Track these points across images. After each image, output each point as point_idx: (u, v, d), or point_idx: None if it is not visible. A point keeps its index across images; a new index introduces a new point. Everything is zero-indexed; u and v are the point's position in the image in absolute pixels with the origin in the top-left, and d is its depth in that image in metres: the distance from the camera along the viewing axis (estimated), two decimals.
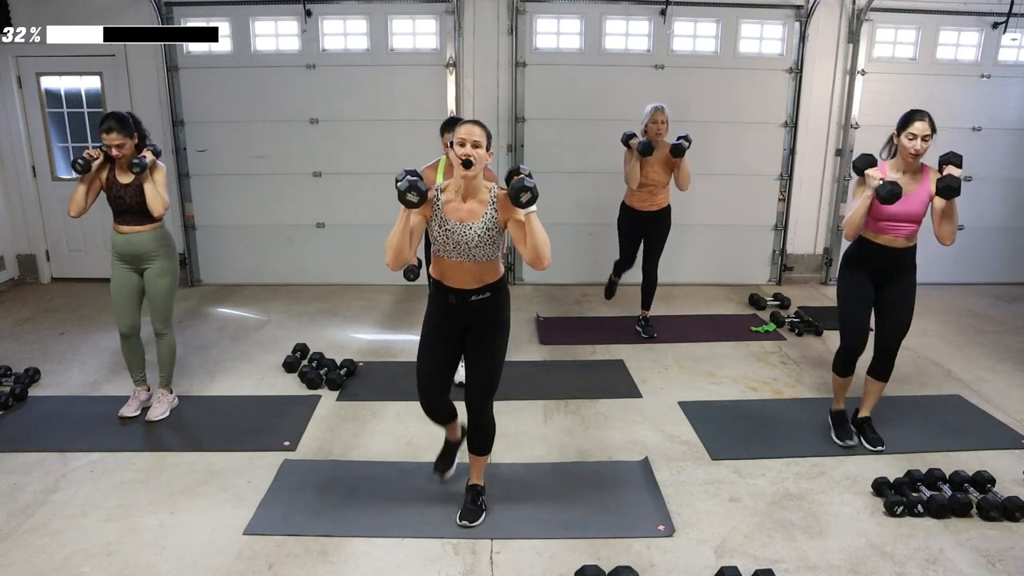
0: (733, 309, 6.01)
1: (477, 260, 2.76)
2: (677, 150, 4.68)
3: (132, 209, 3.69)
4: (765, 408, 4.20)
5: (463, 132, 2.66)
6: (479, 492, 3.10)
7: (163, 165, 3.76)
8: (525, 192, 2.54)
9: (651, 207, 4.95)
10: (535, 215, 2.65)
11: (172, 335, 4.00)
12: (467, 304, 2.83)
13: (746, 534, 3.01)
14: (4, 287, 6.40)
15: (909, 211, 3.36)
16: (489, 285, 2.83)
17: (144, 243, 3.76)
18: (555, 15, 6.21)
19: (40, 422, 3.94)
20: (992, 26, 6.25)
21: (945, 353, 5.04)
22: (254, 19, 6.13)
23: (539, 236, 2.65)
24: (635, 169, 4.76)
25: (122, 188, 3.68)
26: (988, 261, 6.79)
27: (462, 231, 2.72)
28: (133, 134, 3.65)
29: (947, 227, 3.36)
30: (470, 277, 2.79)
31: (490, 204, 2.74)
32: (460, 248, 2.73)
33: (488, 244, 2.75)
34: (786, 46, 6.31)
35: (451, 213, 2.74)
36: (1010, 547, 2.92)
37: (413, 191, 2.60)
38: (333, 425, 3.94)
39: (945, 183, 3.23)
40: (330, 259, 6.57)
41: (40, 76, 6.23)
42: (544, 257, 2.68)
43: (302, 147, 6.35)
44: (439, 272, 2.85)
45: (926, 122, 3.29)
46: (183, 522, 3.05)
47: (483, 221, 2.73)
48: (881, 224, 3.42)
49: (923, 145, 3.29)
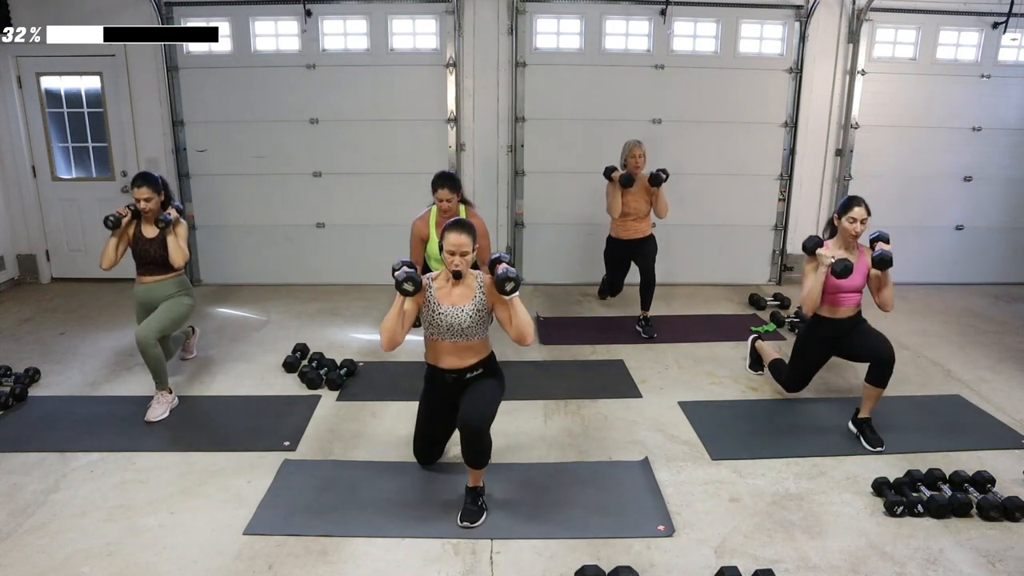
0: (733, 309, 6.01)
1: (469, 339, 3.08)
2: (655, 180, 5.05)
3: (155, 261, 4.07)
4: (765, 408, 4.20)
5: (451, 242, 2.97)
6: (479, 493, 3.11)
7: (184, 224, 4.16)
8: (509, 282, 2.89)
9: (635, 235, 5.25)
10: (517, 299, 2.97)
11: (158, 347, 3.98)
12: (463, 381, 3.16)
13: (746, 534, 3.01)
14: (4, 287, 6.40)
15: (854, 283, 3.80)
16: (481, 361, 3.16)
17: (163, 289, 4.12)
18: (555, 15, 6.20)
19: (40, 422, 3.94)
20: (992, 26, 6.24)
21: (945, 353, 5.04)
22: (254, 19, 6.13)
23: (522, 317, 2.98)
24: (616, 199, 5.10)
25: (147, 242, 4.05)
26: (988, 261, 6.79)
27: (454, 314, 3.04)
28: (160, 192, 4.03)
29: (886, 293, 3.78)
30: (464, 355, 3.11)
31: (478, 288, 3.08)
32: (453, 330, 3.06)
33: (478, 324, 3.08)
34: (786, 46, 6.30)
35: (443, 299, 3.07)
36: (1010, 547, 2.92)
37: (410, 282, 2.91)
38: (333, 425, 3.94)
39: (879, 256, 3.66)
40: (330, 259, 6.57)
41: (40, 76, 6.23)
42: (528, 335, 2.99)
43: (302, 147, 6.35)
44: (434, 357, 3.17)
45: (863, 207, 3.72)
46: (183, 522, 3.06)
47: (473, 303, 3.06)
48: (831, 297, 3.82)
49: (861, 227, 3.73)
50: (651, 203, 5.19)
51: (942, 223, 6.71)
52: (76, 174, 6.52)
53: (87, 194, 6.44)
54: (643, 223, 5.22)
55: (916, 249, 6.59)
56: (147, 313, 4.10)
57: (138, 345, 3.94)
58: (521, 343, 3.01)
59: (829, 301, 3.83)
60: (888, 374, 3.70)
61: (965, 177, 6.61)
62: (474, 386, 3.15)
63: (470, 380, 3.16)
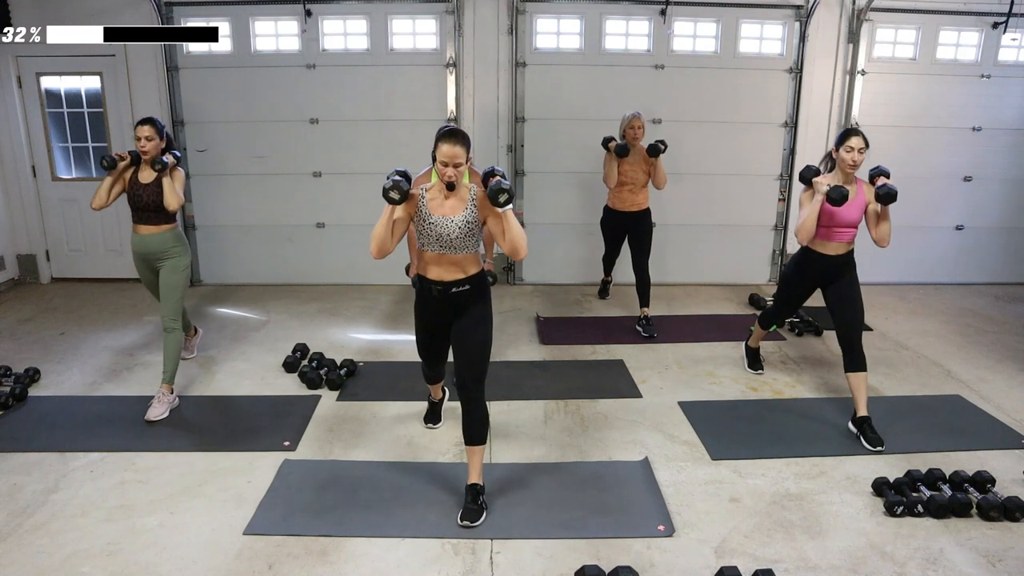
0: (733, 309, 6.01)
1: (457, 251, 3.02)
2: (653, 150, 5.08)
3: (148, 207, 4.01)
4: (765, 408, 4.19)
5: (445, 153, 2.92)
6: (479, 491, 3.11)
7: (182, 171, 4.15)
8: (503, 193, 2.83)
9: (631, 207, 5.27)
10: (511, 212, 2.92)
11: (180, 331, 4.12)
12: (448, 296, 3.08)
13: (746, 534, 3.01)
14: (4, 287, 6.40)
15: (850, 216, 3.77)
16: (468, 278, 3.08)
17: (158, 243, 4.08)
18: (555, 15, 6.20)
19: (40, 422, 3.94)
20: (992, 26, 6.24)
21: (945, 353, 5.04)
22: (254, 19, 6.13)
23: (516, 229, 2.93)
24: (612, 169, 5.17)
25: (142, 187, 4.01)
26: (988, 261, 6.79)
27: (444, 224, 2.98)
28: (162, 137, 4.04)
29: (884, 228, 3.75)
30: (450, 269, 3.04)
31: (470, 201, 3.03)
32: (442, 240, 3.00)
33: (467, 236, 3.01)
34: (786, 46, 6.30)
35: (435, 209, 3.01)
36: (1010, 547, 2.92)
37: (395, 189, 2.87)
38: (333, 425, 3.94)
39: (885, 189, 3.62)
40: (330, 259, 6.57)
41: (40, 76, 6.23)
42: (521, 248, 2.95)
43: (302, 147, 6.35)
44: (422, 267, 3.12)
45: (861, 137, 3.69)
46: (183, 522, 3.05)
47: (463, 215, 3.00)
48: (824, 231, 3.79)
49: (859, 157, 3.69)
50: (649, 174, 5.23)
51: (942, 223, 6.71)
52: (76, 174, 6.52)
53: (87, 194, 6.32)
54: (639, 195, 5.25)
55: (916, 249, 6.59)
56: (146, 266, 4.14)
57: (164, 328, 4.07)
58: (514, 256, 2.96)
59: (822, 235, 3.80)
60: (854, 351, 3.76)
61: (965, 177, 6.61)
62: (462, 323, 3.11)
63: (456, 296, 3.08)
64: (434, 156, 2.97)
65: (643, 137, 5.17)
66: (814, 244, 3.86)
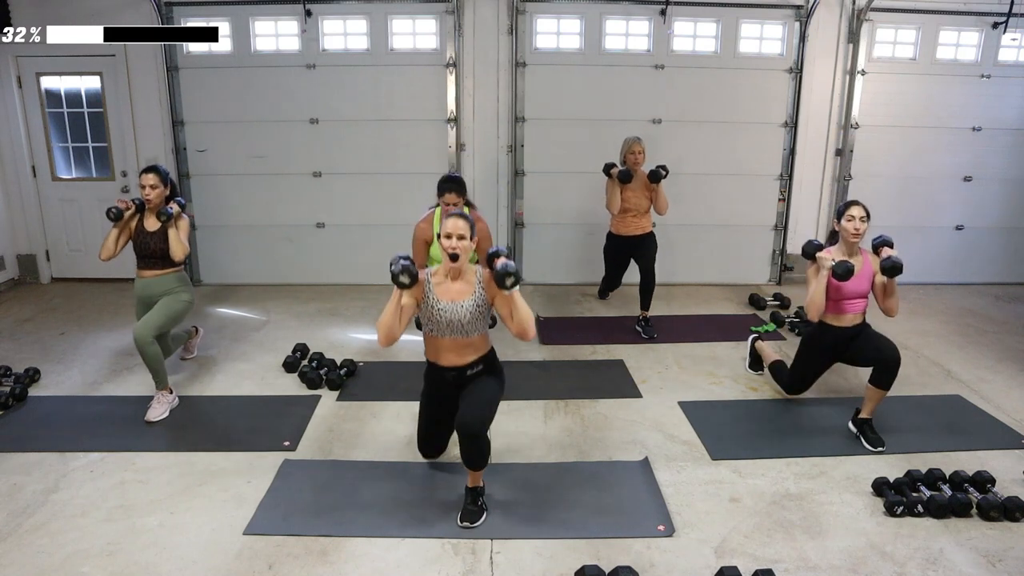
0: (733, 309, 6.01)
1: (469, 335, 3.07)
2: (654, 176, 5.08)
3: (155, 254, 4.07)
4: (765, 408, 4.20)
5: (449, 227, 2.97)
6: (479, 493, 3.11)
7: (187, 218, 4.18)
8: (509, 277, 2.86)
9: (635, 231, 5.26)
10: (518, 293, 2.94)
11: (155, 345, 3.98)
12: (463, 379, 3.15)
13: (746, 534, 3.01)
14: (4, 287, 6.40)
15: (859, 288, 3.78)
16: (481, 358, 3.15)
17: (162, 285, 4.12)
18: (555, 15, 6.20)
19: (40, 422, 3.94)
20: (992, 26, 6.24)
21: (945, 353, 5.04)
22: (254, 19, 6.13)
23: (523, 310, 2.96)
24: (615, 195, 5.13)
25: (148, 235, 4.06)
26: (988, 261, 6.79)
27: (454, 309, 3.02)
28: (167, 184, 4.09)
29: (892, 301, 3.77)
30: (464, 352, 3.10)
31: (477, 283, 3.06)
32: (453, 326, 3.03)
33: (478, 319, 3.06)
34: (786, 46, 6.30)
35: (443, 294, 3.04)
36: (1010, 547, 2.92)
37: (405, 274, 2.88)
38: (333, 425, 3.94)
39: (890, 263, 3.62)
40: (330, 259, 6.57)
41: (40, 76, 6.23)
42: (529, 329, 2.98)
43: (302, 147, 6.35)
44: (434, 354, 3.15)
45: (861, 207, 3.72)
46: (183, 522, 3.06)
47: (472, 299, 3.04)
48: (835, 304, 3.80)
49: (861, 226, 3.71)
50: (651, 199, 5.21)
51: (942, 223, 6.71)
52: (76, 174, 6.52)
53: (87, 194, 6.44)
54: (643, 219, 5.24)
55: (916, 249, 6.58)
56: (146, 309, 4.11)
57: (135, 343, 3.93)
58: (523, 338, 3.00)
59: (833, 308, 3.81)
60: (892, 377, 3.69)
61: (965, 177, 6.61)
62: (473, 386, 3.14)
63: (470, 377, 3.14)
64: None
65: (644, 162, 5.14)
66: (827, 318, 3.85)
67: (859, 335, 3.85)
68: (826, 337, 3.91)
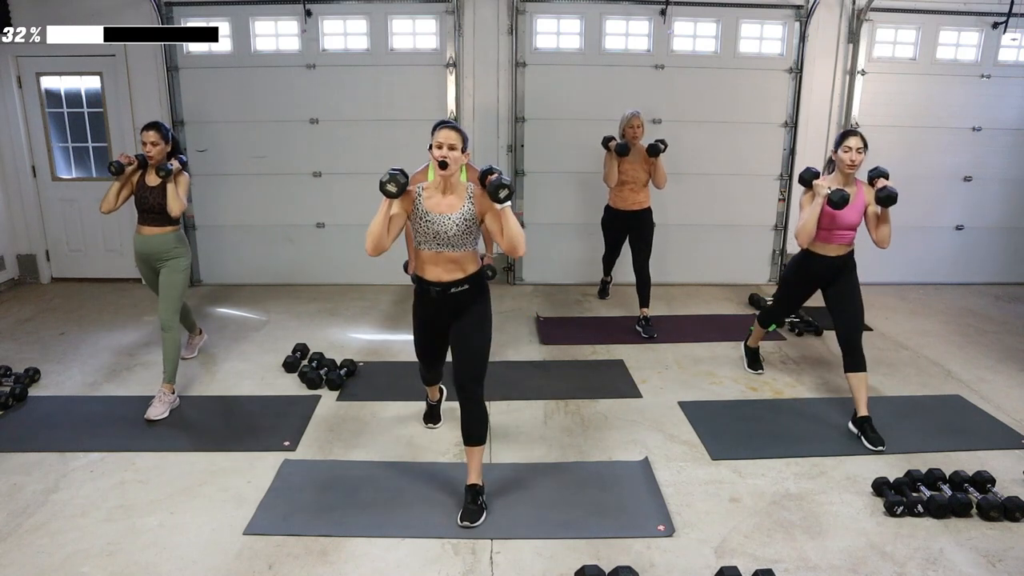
0: (733, 309, 6.01)
1: (455, 249, 2.99)
2: (653, 150, 5.08)
3: (153, 209, 4.08)
4: (765, 408, 4.19)
5: (440, 137, 2.93)
6: (479, 492, 3.10)
7: (187, 175, 4.19)
8: (503, 188, 2.83)
9: (632, 206, 5.25)
10: (509, 209, 2.90)
11: (177, 331, 4.13)
12: (447, 296, 3.05)
13: (746, 534, 3.01)
14: (4, 287, 6.40)
15: (850, 219, 3.77)
16: (467, 277, 3.05)
17: (159, 243, 4.12)
18: (555, 15, 6.20)
19: (40, 422, 3.94)
20: (992, 26, 6.24)
21: (945, 353, 5.04)
22: (254, 19, 6.13)
23: (514, 227, 2.90)
24: (612, 168, 5.16)
25: (148, 190, 4.08)
26: (988, 261, 6.79)
27: (441, 221, 2.96)
28: (168, 141, 4.10)
29: (884, 230, 3.76)
30: (449, 267, 3.01)
31: (467, 198, 3.01)
32: (440, 238, 2.97)
33: (465, 233, 2.99)
34: (786, 46, 6.30)
35: (432, 207, 2.99)
36: (1010, 547, 2.92)
37: (392, 182, 2.85)
38: (333, 425, 3.94)
39: (886, 192, 3.62)
40: (330, 259, 6.57)
41: (40, 76, 6.23)
42: (519, 245, 2.93)
43: (302, 147, 6.35)
44: (420, 267, 3.08)
45: (859, 137, 3.70)
46: (183, 522, 3.05)
47: (461, 212, 2.98)
48: (824, 233, 3.79)
49: (858, 156, 3.69)
50: (649, 173, 5.22)
51: (942, 223, 6.71)
52: (76, 174, 6.52)
53: (87, 194, 6.43)
54: (640, 194, 5.24)
55: (916, 249, 6.59)
56: (146, 264, 4.19)
57: (162, 327, 4.07)
58: (512, 254, 2.95)
59: (822, 237, 3.81)
60: (855, 352, 3.76)
61: (965, 177, 6.61)
62: (461, 323, 3.08)
63: (455, 296, 3.04)
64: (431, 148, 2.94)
65: (643, 136, 5.17)
66: (814, 246, 3.86)
67: (843, 270, 3.87)
68: (812, 265, 3.92)
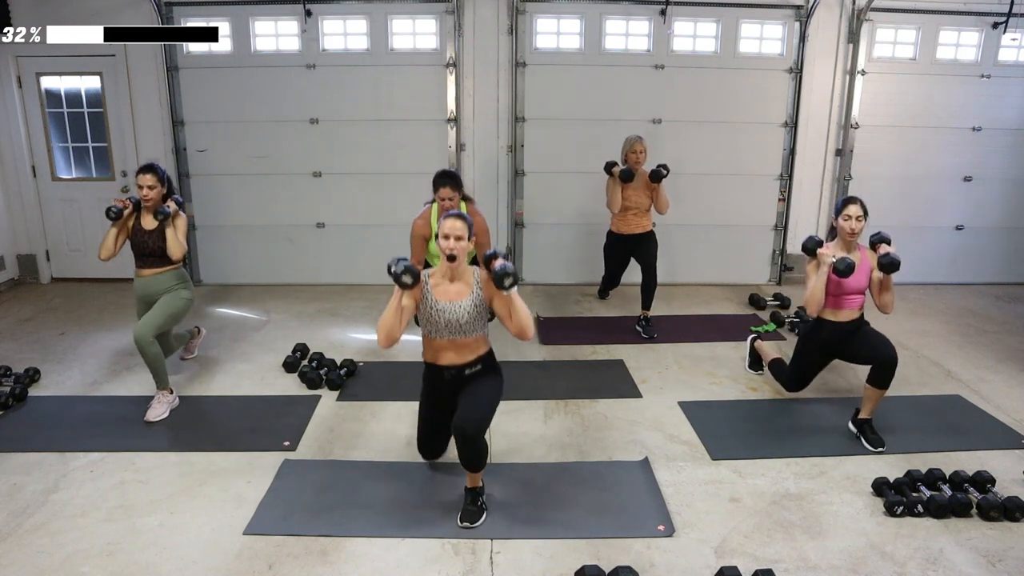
0: (733, 309, 6.01)
1: (467, 336, 3.07)
2: (655, 176, 5.08)
3: (153, 253, 4.05)
4: (765, 408, 4.20)
5: (447, 228, 2.98)
6: (479, 493, 3.11)
7: (184, 216, 4.14)
8: (508, 278, 2.88)
9: (636, 230, 5.26)
10: (516, 294, 2.95)
11: (155, 345, 3.98)
12: (462, 379, 3.13)
13: (746, 534, 3.01)
14: (4, 287, 6.40)
15: (858, 284, 3.78)
16: (480, 358, 3.14)
17: (161, 283, 4.09)
18: (555, 15, 6.20)
19: (40, 422, 3.94)
20: (992, 26, 6.24)
21: (945, 353, 5.04)
22: (254, 19, 6.13)
23: (522, 311, 2.97)
24: (616, 194, 5.13)
25: (146, 234, 4.04)
26: (988, 261, 6.79)
27: (452, 310, 3.02)
28: (163, 183, 4.05)
29: (887, 297, 3.77)
30: (462, 352, 3.10)
31: (475, 284, 3.07)
32: (451, 326, 3.03)
33: (477, 319, 3.06)
34: (786, 46, 6.30)
35: (441, 295, 3.05)
36: (1010, 547, 2.92)
37: (408, 274, 2.88)
38: (333, 425, 3.94)
39: (888, 259, 3.63)
40: (330, 259, 6.57)
41: (40, 76, 6.23)
42: (528, 329, 2.99)
43: (302, 147, 6.35)
44: (432, 355, 3.15)
45: (858, 205, 3.73)
46: (183, 522, 3.06)
47: (470, 299, 3.04)
48: (834, 299, 3.80)
49: (857, 225, 3.72)
50: (652, 198, 5.21)
51: (942, 223, 6.71)
52: (76, 174, 6.52)
53: (87, 194, 6.44)
54: (644, 218, 5.24)
55: (916, 249, 6.58)
56: (146, 308, 4.09)
57: (136, 343, 3.93)
58: (521, 337, 3.00)
59: (832, 304, 3.82)
60: (890, 376, 3.69)
61: (965, 177, 6.61)
62: (472, 387, 3.12)
63: (468, 377, 3.13)
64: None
65: (645, 161, 5.14)
66: (825, 314, 3.85)
67: (857, 331, 3.85)
68: (824, 333, 3.90)
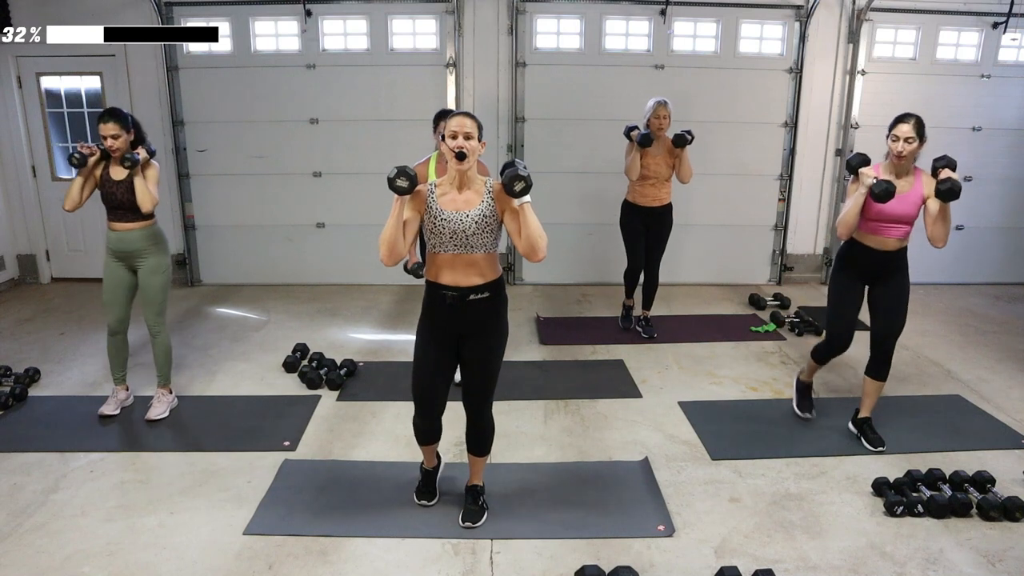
0: (733, 309, 6.01)
1: (475, 250, 2.70)
2: (679, 140, 4.73)
3: (123, 205, 3.74)
4: (765, 408, 4.19)
5: (454, 124, 2.65)
6: (480, 492, 3.10)
7: (156, 164, 3.81)
8: (519, 181, 2.55)
9: (653, 202, 4.93)
10: (530, 206, 2.63)
11: (166, 334, 4.00)
12: (465, 304, 2.74)
13: (746, 534, 3.01)
14: (4, 287, 6.40)
15: (902, 212, 3.40)
16: (487, 284, 2.75)
17: (136, 240, 3.80)
18: (555, 15, 6.20)
19: (40, 422, 3.94)
20: (992, 26, 6.25)
21: (945, 353, 5.04)
22: (254, 19, 6.13)
23: (534, 227, 2.63)
24: (635, 160, 4.79)
25: (114, 184, 3.73)
26: (988, 261, 6.79)
27: (458, 219, 2.67)
28: (130, 130, 3.71)
29: (941, 229, 3.41)
30: (468, 272, 2.72)
31: (486, 194, 2.72)
32: (457, 238, 2.68)
33: (485, 232, 2.70)
34: (786, 46, 6.31)
35: (447, 204, 2.71)
36: (1010, 547, 2.92)
37: (401, 176, 2.58)
38: (333, 425, 3.94)
39: (947, 186, 3.27)
40: (330, 259, 6.57)
41: (40, 76, 6.23)
42: (539, 248, 2.65)
43: (302, 147, 6.35)
44: (435, 272, 2.76)
45: (910, 124, 3.34)
46: (183, 522, 3.05)
47: (479, 208, 2.69)
48: (872, 224, 3.46)
49: (905, 147, 3.34)
50: (673, 167, 4.88)
51: None
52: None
53: None
54: (662, 190, 4.91)
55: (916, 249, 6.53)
56: (121, 263, 3.81)
57: (150, 332, 3.93)
58: (531, 258, 2.66)
59: (869, 228, 3.45)
60: (885, 361, 3.62)
61: (965, 177, 6.60)
62: (477, 348, 2.82)
63: (472, 304, 2.74)
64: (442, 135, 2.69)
65: (668, 127, 4.80)
66: (858, 235, 3.50)
67: (890, 264, 3.47)
68: (857, 256, 3.51)
